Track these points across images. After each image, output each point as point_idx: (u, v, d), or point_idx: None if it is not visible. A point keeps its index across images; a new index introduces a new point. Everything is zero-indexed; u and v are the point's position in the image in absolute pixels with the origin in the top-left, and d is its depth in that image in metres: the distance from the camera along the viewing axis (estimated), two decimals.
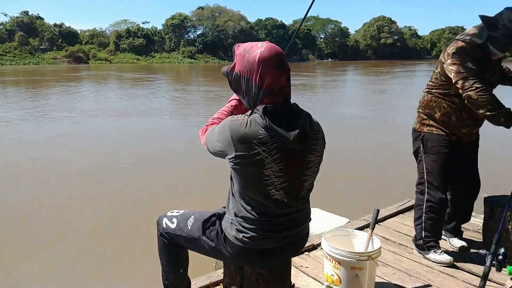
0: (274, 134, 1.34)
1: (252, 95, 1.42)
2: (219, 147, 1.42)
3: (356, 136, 8.99)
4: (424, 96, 2.50)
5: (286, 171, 1.39)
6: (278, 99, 1.40)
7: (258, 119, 1.35)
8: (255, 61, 1.38)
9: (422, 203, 2.48)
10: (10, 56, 52.52)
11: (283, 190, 1.41)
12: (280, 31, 73.07)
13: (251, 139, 1.34)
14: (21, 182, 5.79)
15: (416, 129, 2.52)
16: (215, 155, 1.48)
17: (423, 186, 2.47)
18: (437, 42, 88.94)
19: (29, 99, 16.31)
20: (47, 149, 7.87)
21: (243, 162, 1.36)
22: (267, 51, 1.39)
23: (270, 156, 1.35)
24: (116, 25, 68.20)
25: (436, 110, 2.41)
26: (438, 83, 2.40)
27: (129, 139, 8.83)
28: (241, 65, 1.42)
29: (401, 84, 24.95)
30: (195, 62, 62.05)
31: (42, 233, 4.17)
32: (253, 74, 1.39)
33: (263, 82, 1.38)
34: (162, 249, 1.74)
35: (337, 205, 3.47)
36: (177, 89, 21.10)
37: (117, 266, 3.57)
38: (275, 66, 1.38)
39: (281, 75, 1.39)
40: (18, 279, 3.36)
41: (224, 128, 1.40)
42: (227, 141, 1.37)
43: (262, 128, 1.34)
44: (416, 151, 2.53)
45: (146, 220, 3.90)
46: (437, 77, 2.40)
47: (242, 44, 1.48)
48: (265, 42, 1.45)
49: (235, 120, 1.39)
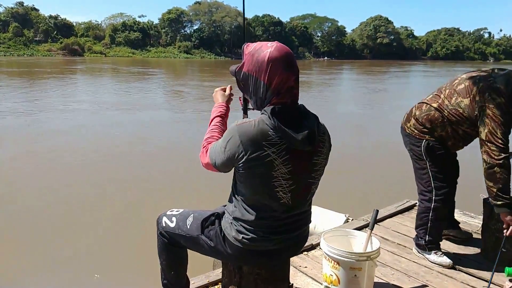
0: (283, 135, 1.32)
1: (260, 95, 1.40)
2: (228, 155, 1.37)
3: (355, 136, 9.00)
4: (430, 110, 2.34)
5: (294, 173, 1.37)
6: (286, 100, 1.38)
7: (266, 120, 1.33)
8: (264, 60, 1.36)
9: (428, 211, 2.42)
10: (4, 47, 52.08)
11: (290, 193, 1.39)
12: (277, 28, 73.01)
13: (261, 140, 1.31)
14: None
15: (415, 135, 2.40)
16: (224, 167, 1.42)
17: (431, 194, 2.40)
18: (433, 43, 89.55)
19: (37, 90, 16.14)
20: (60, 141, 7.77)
21: (253, 165, 1.33)
22: (276, 51, 1.37)
23: (279, 157, 1.33)
24: (112, 18, 67.91)
25: (438, 130, 2.33)
26: (457, 112, 2.24)
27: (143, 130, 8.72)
28: (249, 64, 1.40)
29: (399, 83, 25.10)
30: (191, 57, 61.88)
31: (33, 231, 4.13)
32: (261, 73, 1.37)
33: (271, 82, 1.36)
34: (162, 248, 1.72)
35: (337, 205, 3.46)
36: (182, 84, 21.01)
37: (117, 265, 3.54)
38: (284, 66, 1.36)
39: (290, 76, 1.37)
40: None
41: (232, 133, 1.36)
42: (237, 146, 1.33)
43: (271, 129, 1.32)
44: (418, 158, 2.41)
45: (145, 219, 3.86)
46: (460, 107, 2.23)
47: (251, 44, 1.46)
48: (275, 42, 1.43)
49: (241, 124, 1.36)
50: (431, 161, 2.36)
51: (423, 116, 2.37)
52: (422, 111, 2.38)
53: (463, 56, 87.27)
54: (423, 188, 2.44)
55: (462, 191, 2.64)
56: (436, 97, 2.37)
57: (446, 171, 2.40)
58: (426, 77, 32.63)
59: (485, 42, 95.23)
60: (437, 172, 2.37)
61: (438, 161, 2.37)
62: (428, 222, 2.43)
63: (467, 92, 2.21)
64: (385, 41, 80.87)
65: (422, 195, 2.46)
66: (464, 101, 2.21)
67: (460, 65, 55.89)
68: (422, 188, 2.45)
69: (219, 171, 1.47)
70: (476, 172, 2.82)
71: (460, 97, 2.24)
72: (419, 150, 2.39)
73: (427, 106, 2.37)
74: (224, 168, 1.43)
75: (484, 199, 2.51)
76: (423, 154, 2.37)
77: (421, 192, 2.46)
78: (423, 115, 2.37)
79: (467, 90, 2.22)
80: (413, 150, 2.44)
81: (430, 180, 2.39)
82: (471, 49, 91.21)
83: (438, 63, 67.77)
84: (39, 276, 3.38)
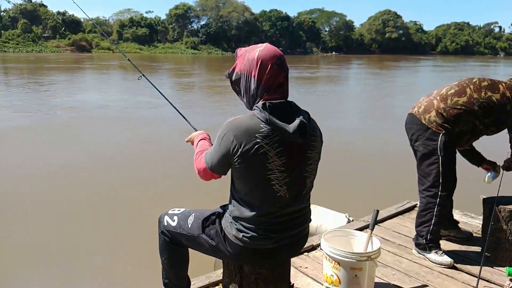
0: (275, 126, 1.36)
1: (251, 93, 1.45)
2: (223, 151, 1.41)
3: (356, 136, 8.94)
4: (457, 105, 2.35)
5: (288, 166, 1.41)
6: (276, 96, 1.43)
7: (258, 114, 1.39)
8: (254, 58, 1.42)
9: (433, 206, 2.42)
10: (13, 43, 52.44)
11: (286, 185, 1.43)
12: (284, 23, 72.50)
13: (253, 133, 1.36)
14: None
15: (432, 128, 2.37)
16: (220, 166, 1.46)
17: (437, 189, 2.40)
18: (443, 37, 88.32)
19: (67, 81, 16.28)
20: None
21: (248, 158, 1.37)
22: (266, 49, 1.44)
23: (272, 149, 1.37)
24: (119, 14, 68.03)
25: (460, 124, 2.36)
26: (488, 106, 2.33)
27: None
28: (241, 65, 1.46)
29: (404, 81, 24.78)
30: (198, 53, 61.80)
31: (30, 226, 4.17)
32: (252, 70, 1.42)
33: (261, 77, 1.41)
34: (163, 248, 1.75)
35: (337, 205, 3.46)
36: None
37: (118, 264, 3.56)
38: (273, 62, 1.42)
39: (279, 73, 1.43)
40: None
41: (224, 130, 1.41)
42: (230, 142, 1.38)
43: (263, 122, 1.37)
44: (430, 152, 2.40)
45: (147, 218, 3.88)
46: (490, 101, 2.32)
47: (243, 48, 1.53)
48: (265, 43, 1.49)
49: (232, 120, 1.41)
50: (444, 156, 2.36)
51: (449, 109, 2.36)
52: (447, 104, 2.37)
53: (473, 51, 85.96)
54: (428, 184, 2.43)
55: (462, 192, 2.63)
56: (460, 91, 2.38)
57: (454, 167, 2.44)
58: (435, 72, 32.17)
59: (495, 37, 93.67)
60: (447, 167, 2.38)
61: (450, 157, 2.39)
62: (432, 218, 2.42)
63: (496, 88, 2.34)
64: (394, 35, 79.92)
65: (427, 191, 2.44)
66: (495, 96, 2.32)
67: (472, 60, 54.99)
68: (428, 184, 2.43)
69: (215, 173, 1.51)
70: (476, 172, 2.82)
71: (489, 91, 2.33)
72: (434, 144, 2.37)
73: (453, 100, 2.37)
74: (220, 168, 1.47)
75: (484, 199, 2.52)
76: (438, 148, 2.36)
77: (426, 189, 2.45)
78: (449, 108, 2.36)
79: (495, 86, 2.35)
80: (425, 143, 2.41)
81: (439, 175, 2.38)
82: (481, 43, 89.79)
83: (448, 58, 66.81)
84: (38, 275, 3.40)
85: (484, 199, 2.52)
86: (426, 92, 2.66)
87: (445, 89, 2.47)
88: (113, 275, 3.42)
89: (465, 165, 2.74)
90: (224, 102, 13.26)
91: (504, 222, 2.36)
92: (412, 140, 2.52)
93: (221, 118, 1.58)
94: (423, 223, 2.48)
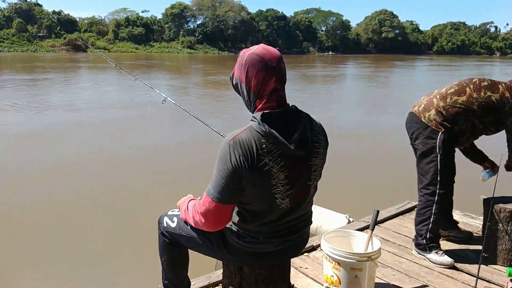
0: (275, 141, 1.31)
1: (246, 98, 1.40)
2: (231, 171, 1.31)
3: (356, 136, 8.95)
4: (456, 103, 2.37)
5: (291, 178, 1.37)
6: (272, 103, 1.36)
7: (257, 128, 1.31)
8: (243, 64, 1.37)
9: (432, 204, 2.42)
10: (8, 42, 52.24)
11: (289, 197, 1.39)
12: (281, 22, 72.66)
13: (256, 150, 1.30)
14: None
15: (431, 126, 2.39)
16: (230, 191, 1.34)
17: (435, 187, 2.41)
18: (439, 37, 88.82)
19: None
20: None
21: (252, 177, 1.32)
22: (255, 53, 1.36)
23: (276, 165, 1.33)
24: (115, 14, 68.00)
25: (459, 123, 2.37)
26: (487, 105, 2.33)
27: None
28: (237, 70, 1.42)
29: (402, 80, 24.88)
30: (195, 52, 61.79)
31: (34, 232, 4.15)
32: (242, 76, 1.38)
33: (250, 84, 1.36)
34: (163, 248, 1.73)
35: (337, 206, 3.45)
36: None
37: (118, 265, 3.54)
38: (260, 67, 1.33)
39: (267, 77, 1.34)
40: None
41: (226, 152, 1.31)
42: (236, 160, 1.29)
43: (263, 137, 1.30)
44: (428, 150, 2.41)
45: (147, 219, 3.86)
46: (490, 100, 2.33)
47: (246, 49, 1.47)
48: (259, 45, 1.42)
49: (232, 138, 1.32)
50: (442, 154, 2.37)
51: (448, 108, 2.37)
52: (447, 103, 2.39)
53: (469, 51, 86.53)
54: (427, 182, 2.44)
55: (462, 192, 2.63)
56: (460, 91, 2.40)
57: (453, 165, 2.45)
58: (431, 72, 32.29)
59: (491, 36, 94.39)
60: (445, 165, 2.39)
61: (448, 155, 2.39)
62: (430, 216, 2.42)
63: (496, 89, 2.35)
64: (390, 35, 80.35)
65: (425, 189, 2.45)
66: (497, 95, 2.33)
67: (468, 60, 55.26)
68: (426, 182, 2.44)
69: (227, 204, 1.37)
70: (476, 172, 2.82)
71: (489, 91, 2.33)
72: (433, 142, 2.38)
73: (452, 99, 2.39)
74: (229, 197, 1.35)
75: (484, 200, 2.51)
76: (436, 146, 2.38)
77: (424, 187, 2.46)
78: (448, 107, 2.38)
79: (494, 87, 2.36)
80: (424, 142, 2.42)
81: (437, 173, 2.39)
82: (477, 43, 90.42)
83: (444, 57, 67.15)
84: (37, 275, 3.38)
85: (484, 199, 2.52)
86: (426, 91, 2.66)
87: (445, 88, 2.48)
88: (113, 276, 3.41)
89: (465, 165, 2.73)
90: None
91: (504, 223, 2.36)
92: (412, 139, 2.53)
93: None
94: (422, 221, 2.48)
